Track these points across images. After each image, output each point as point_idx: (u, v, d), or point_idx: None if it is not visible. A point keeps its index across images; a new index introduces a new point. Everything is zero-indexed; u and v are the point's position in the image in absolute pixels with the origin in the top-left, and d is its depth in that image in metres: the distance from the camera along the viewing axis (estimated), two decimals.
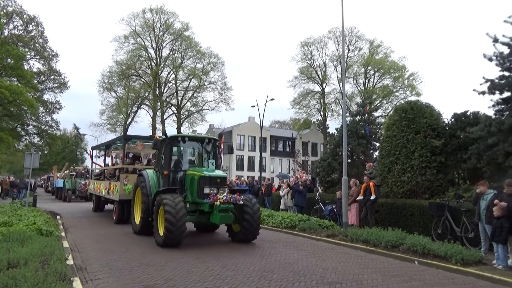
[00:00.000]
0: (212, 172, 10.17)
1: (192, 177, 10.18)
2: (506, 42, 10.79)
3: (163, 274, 6.75)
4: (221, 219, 9.67)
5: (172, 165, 11.06)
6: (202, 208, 9.91)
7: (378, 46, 47.82)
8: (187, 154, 11.81)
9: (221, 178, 10.21)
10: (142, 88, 46.80)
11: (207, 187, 9.83)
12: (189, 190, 10.21)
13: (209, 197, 9.59)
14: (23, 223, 10.28)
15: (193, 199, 10.04)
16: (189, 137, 11.31)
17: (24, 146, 38.22)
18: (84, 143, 68.02)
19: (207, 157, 11.53)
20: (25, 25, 35.62)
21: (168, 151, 10.80)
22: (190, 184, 10.19)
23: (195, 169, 10.67)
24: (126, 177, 14.11)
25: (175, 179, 10.74)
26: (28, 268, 5.68)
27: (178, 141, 11.01)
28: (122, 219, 14.15)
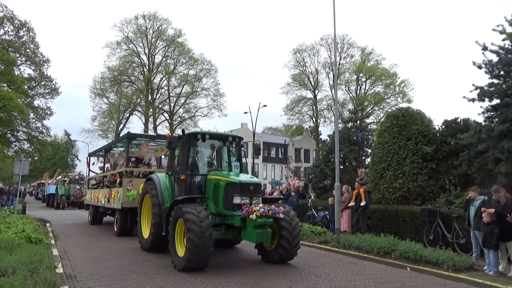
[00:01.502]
0: (243, 178, 8.35)
1: (216, 183, 8.37)
2: (494, 50, 10.98)
3: (154, 282, 6.67)
4: (258, 237, 7.70)
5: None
6: (230, 222, 8.11)
7: (370, 53, 48.28)
8: (206, 155, 9.95)
9: (255, 185, 8.29)
10: (134, 94, 46.59)
11: (238, 196, 7.96)
12: (211, 199, 8.43)
13: (241, 209, 7.74)
14: (12, 230, 10.13)
15: (218, 211, 8.24)
16: (210, 135, 9.25)
17: (14, 153, 37.70)
18: (75, 149, 67.44)
19: (230, 159, 9.80)
20: (16, 31, 35.37)
21: (186, 151, 8.85)
22: (213, 191, 8.40)
23: (218, 173, 8.81)
24: (130, 182, 12.39)
25: (192, 185, 8.91)
26: (16, 277, 5.58)
27: (197, 138, 9.11)
28: (125, 230, 12.63)
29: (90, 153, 20.04)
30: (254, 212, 7.59)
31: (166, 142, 9.08)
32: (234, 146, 9.69)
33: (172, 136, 9.04)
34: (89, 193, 17.51)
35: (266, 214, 7.70)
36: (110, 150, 16.64)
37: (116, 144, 16.17)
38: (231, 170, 9.40)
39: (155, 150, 15.07)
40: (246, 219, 7.70)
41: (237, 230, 8.20)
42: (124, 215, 12.57)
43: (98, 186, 16.83)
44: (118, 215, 12.90)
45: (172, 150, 9.61)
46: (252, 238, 7.82)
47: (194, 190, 8.85)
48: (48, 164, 54.02)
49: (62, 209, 26.22)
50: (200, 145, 9.48)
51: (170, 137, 9.03)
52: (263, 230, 7.72)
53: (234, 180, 8.14)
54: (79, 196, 26.71)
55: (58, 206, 27.43)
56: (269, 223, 7.82)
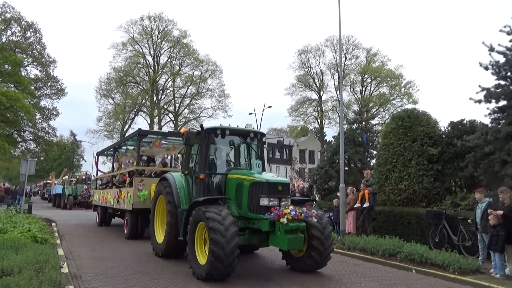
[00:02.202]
0: (270, 177, 7.71)
1: (239, 183, 7.69)
2: (501, 51, 10.89)
3: (158, 283, 6.68)
4: (290, 243, 6.93)
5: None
6: (257, 226, 7.39)
7: (375, 54, 48.15)
8: (225, 153, 9.08)
9: (284, 185, 7.57)
10: (140, 95, 46.77)
11: (265, 197, 7.23)
12: (233, 201, 7.73)
13: (270, 212, 7.01)
14: (18, 230, 10.18)
15: (242, 213, 7.53)
16: (230, 130, 8.56)
17: (20, 153, 37.96)
18: (81, 149, 67.76)
19: (250, 157, 9.03)
20: (23, 32, 35.64)
21: (204, 148, 8.13)
22: (236, 192, 7.72)
23: (240, 171, 8.14)
24: (141, 181, 11.78)
25: (211, 185, 8.23)
26: (22, 276, 5.60)
27: (216, 134, 8.35)
28: (136, 233, 11.98)
29: (99, 152, 19.34)
30: (285, 215, 6.81)
31: (183, 138, 8.30)
32: (255, 143, 8.96)
33: (190, 131, 8.13)
34: (97, 193, 16.92)
35: (298, 218, 6.93)
36: (119, 149, 16.00)
37: (125, 142, 15.37)
38: (252, 169, 8.64)
39: (167, 149, 14.36)
40: (275, 223, 6.96)
41: (263, 235, 7.42)
42: (135, 217, 11.94)
43: (107, 186, 16.26)
44: (128, 216, 12.28)
45: (188, 147, 8.86)
46: (282, 244, 7.06)
47: (213, 190, 8.15)
48: (54, 164, 54.35)
49: (69, 209, 26.00)
50: (218, 141, 8.59)
51: (187, 133, 8.15)
52: (295, 236, 6.98)
53: (261, 179, 7.38)
54: (86, 196, 26.51)
55: (65, 206, 27.18)
56: (301, 227, 7.07)
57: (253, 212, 7.36)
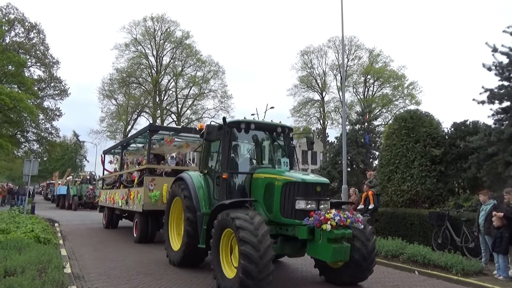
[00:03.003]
0: (306, 176, 6.87)
1: (269, 183, 6.78)
2: (505, 52, 10.86)
3: (161, 284, 6.69)
4: (335, 254, 5.90)
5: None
6: (292, 233, 6.41)
7: (378, 55, 48.05)
8: (249, 149, 8.27)
9: (322, 186, 6.62)
10: (142, 96, 46.91)
11: (302, 199, 6.32)
12: (261, 204, 6.82)
13: (309, 216, 6.06)
14: (21, 230, 10.23)
15: (272, 218, 6.58)
16: (255, 124, 7.68)
17: (24, 153, 38.15)
18: (83, 150, 67.99)
19: (277, 154, 8.16)
20: (27, 33, 35.80)
21: (227, 144, 7.26)
22: (265, 194, 6.81)
23: (267, 170, 7.28)
24: (152, 181, 10.96)
25: (234, 186, 7.37)
26: (25, 276, 5.63)
27: (240, 129, 7.48)
28: (146, 237, 11.27)
29: (105, 151, 18.44)
30: (328, 221, 5.87)
31: (204, 133, 7.28)
32: (282, 138, 8.07)
33: (211, 125, 7.15)
34: (104, 193, 16.14)
35: (344, 224, 6.00)
36: (128, 147, 15.16)
37: (134, 139, 14.25)
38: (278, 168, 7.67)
39: (179, 146, 13.42)
40: (315, 230, 6.01)
41: (299, 243, 6.49)
42: (145, 219, 11.22)
43: (114, 186, 15.46)
44: (138, 219, 11.50)
45: (207, 143, 8.06)
46: (325, 255, 6.00)
47: (237, 191, 7.33)
48: (57, 165, 54.60)
49: (74, 210, 25.76)
50: (242, 137, 7.74)
51: (209, 127, 7.13)
52: (340, 245, 5.96)
53: (296, 179, 6.50)
54: (91, 196, 26.22)
55: (70, 206, 26.85)
56: (347, 235, 6.10)
57: (286, 216, 6.40)
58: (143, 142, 13.71)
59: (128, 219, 13.99)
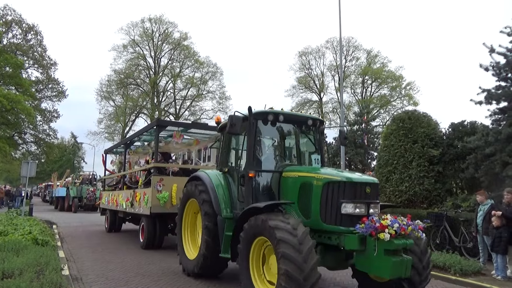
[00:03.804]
0: (352, 174, 5.89)
1: (305, 183, 5.84)
2: (502, 52, 10.90)
3: (159, 285, 6.68)
4: (394, 269, 4.88)
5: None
6: (336, 242, 5.43)
7: (376, 56, 48.15)
8: (276, 144, 7.30)
9: (372, 186, 5.63)
10: (140, 97, 46.89)
11: (349, 202, 5.37)
12: (296, 207, 5.87)
13: (360, 223, 5.07)
14: (19, 232, 10.18)
15: (310, 224, 5.47)
16: (284, 115, 6.74)
17: (21, 155, 38.03)
18: (81, 151, 67.83)
19: (306, 150, 7.36)
20: (24, 34, 35.71)
21: (253, 137, 6.38)
22: (300, 195, 5.86)
23: (299, 168, 6.43)
24: (161, 181, 10.06)
25: (258, 186, 6.51)
26: (23, 279, 5.61)
27: (267, 121, 6.60)
28: (153, 242, 10.47)
29: (107, 150, 17.71)
30: (385, 229, 4.87)
31: (227, 125, 6.27)
32: (313, 132, 7.20)
33: (236, 116, 6.18)
34: (106, 195, 15.27)
35: (405, 232, 5.02)
36: (131, 145, 14.16)
37: (139, 136, 13.09)
38: (309, 165, 6.98)
39: (188, 144, 12.63)
40: (367, 239, 5.02)
41: (343, 255, 5.58)
42: (152, 223, 10.43)
43: (116, 187, 14.72)
44: (144, 223, 10.67)
45: (228, 137, 7.24)
46: (382, 271, 4.96)
47: (262, 192, 6.48)
48: (55, 166, 54.43)
49: (74, 212, 25.29)
50: (268, 130, 6.87)
51: (233, 118, 6.14)
52: (401, 259, 4.94)
53: (341, 178, 5.55)
54: (92, 198, 25.81)
55: (69, 208, 26.33)
56: (409, 246, 5.10)
57: (329, 222, 5.44)
58: (149, 139, 12.90)
59: (132, 222, 13.50)
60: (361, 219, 5.11)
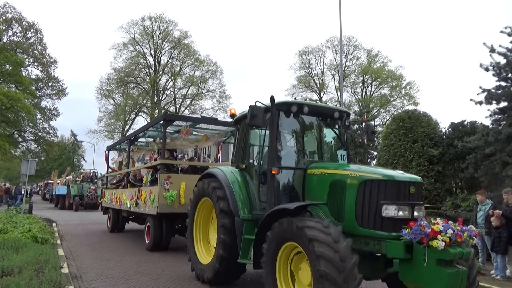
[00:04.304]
0: (394, 172, 5.12)
1: (336, 181, 5.18)
2: (502, 52, 10.90)
3: (159, 283, 6.68)
4: (450, 283, 4.15)
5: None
6: (375, 248, 4.75)
7: (376, 55, 48.14)
8: (298, 138, 6.55)
9: (417, 185, 4.94)
10: (140, 96, 46.89)
11: (391, 203, 4.69)
12: (326, 207, 5.22)
13: (407, 227, 4.41)
14: (18, 230, 10.19)
15: (345, 227, 4.74)
16: (310, 107, 6.15)
17: (21, 153, 38.04)
18: (81, 150, 67.84)
19: (331, 145, 6.74)
20: (24, 32, 35.70)
21: (275, 130, 5.76)
22: (331, 195, 5.19)
23: (327, 165, 5.83)
24: (168, 178, 9.38)
25: (278, 185, 5.81)
26: (22, 276, 5.61)
27: (290, 112, 6.02)
28: (160, 244, 9.86)
29: (109, 147, 17.05)
30: (438, 236, 4.16)
31: (248, 116, 5.57)
32: (337, 126, 6.57)
33: (257, 107, 5.59)
34: (108, 193, 14.71)
35: (461, 239, 4.29)
36: (136, 141, 13.40)
37: (145, 131, 12.31)
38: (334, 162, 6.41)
39: (196, 140, 11.95)
40: (414, 246, 4.33)
41: (381, 263, 4.89)
42: (159, 224, 9.83)
43: (119, 185, 14.25)
44: (150, 223, 10.12)
45: (245, 131, 6.63)
46: (436, 284, 4.16)
47: (283, 192, 5.86)
48: (55, 165, 54.45)
49: (75, 211, 24.96)
50: (290, 123, 6.19)
51: (253, 109, 5.53)
52: (457, 270, 4.24)
53: (381, 176, 4.86)
54: (94, 197, 25.64)
55: (70, 207, 26.03)
56: (465, 256, 4.34)
57: (367, 226, 4.78)
58: (154, 135, 12.25)
59: (136, 221, 13.12)
60: (408, 223, 4.46)
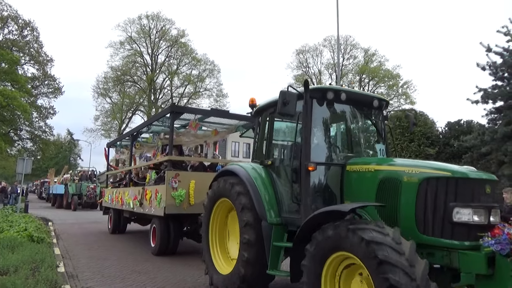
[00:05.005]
0: (465, 169, 4.24)
1: (388, 178, 4.36)
2: (499, 52, 10.96)
3: (155, 282, 6.66)
4: None
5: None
6: (443, 261, 3.94)
7: (373, 54, 48.27)
8: (334, 130, 5.76)
9: (492, 185, 4.17)
10: (137, 94, 46.78)
11: (465, 206, 3.87)
12: (376, 211, 4.43)
13: (488, 237, 3.68)
14: (14, 229, 10.14)
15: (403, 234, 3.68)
16: (347, 94, 5.19)
17: (17, 151, 37.89)
18: (78, 148, 67.63)
19: (368, 138, 5.91)
20: (20, 30, 35.52)
21: (309, 119, 4.93)
22: (381, 195, 4.38)
23: (370, 160, 5.13)
24: (177, 176, 8.51)
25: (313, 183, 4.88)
26: (18, 276, 5.59)
27: (324, 100, 5.10)
28: (167, 247, 9.01)
29: (109, 143, 16.08)
30: None
31: (278, 103, 4.71)
32: (375, 116, 5.67)
33: (289, 92, 4.76)
34: (109, 192, 13.89)
35: None
36: (138, 137, 12.46)
37: (149, 126, 11.30)
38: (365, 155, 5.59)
39: (205, 135, 11.12)
40: (499, 259, 3.51)
41: (447, 277, 3.92)
42: (165, 225, 8.99)
43: (120, 183, 13.51)
44: (156, 225, 9.24)
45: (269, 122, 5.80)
46: None
47: (318, 191, 4.99)
48: (51, 163, 54.26)
49: (74, 210, 24.27)
50: (321, 112, 5.22)
51: (285, 95, 4.70)
52: None
53: (450, 173, 4.01)
54: (93, 196, 25.23)
55: (68, 206, 25.33)
56: None
57: (431, 233, 3.94)
58: (158, 130, 11.21)
59: (138, 222, 12.56)
60: (490, 231, 3.69)
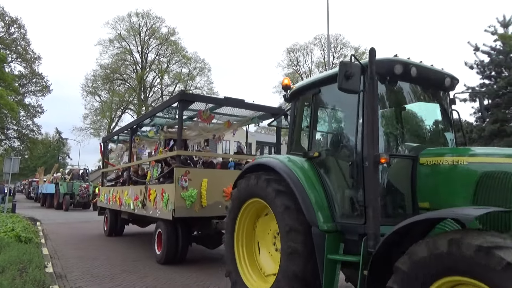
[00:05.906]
0: None
1: (495, 174, 3.25)
2: (486, 51, 11.11)
3: (145, 282, 6.62)
4: None
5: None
6: None
7: (363, 53, 48.53)
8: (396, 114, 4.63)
9: None
10: (127, 93, 46.45)
11: None
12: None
13: None
14: (1, 229, 10.00)
15: None
16: (419, 68, 4.18)
17: (4, 151, 37.35)
18: (66, 147, 66.85)
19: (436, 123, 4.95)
20: (7, 27, 35.01)
21: (375, 99, 3.59)
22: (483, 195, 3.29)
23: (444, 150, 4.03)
24: (187, 174, 7.38)
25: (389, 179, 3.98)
26: (5, 276, 5.51)
27: (391, 75, 4.08)
28: (175, 254, 7.85)
29: (105, 138, 14.97)
30: None
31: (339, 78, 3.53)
32: (441, 99, 4.76)
33: (353, 63, 3.67)
34: (105, 191, 12.81)
35: None
36: (138, 129, 11.16)
37: (151, 117, 9.91)
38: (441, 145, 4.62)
39: (215, 128, 10.09)
40: None
41: None
42: (173, 230, 7.82)
43: (116, 182, 12.46)
44: (162, 229, 8.00)
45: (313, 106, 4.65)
46: None
47: (390, 190, 4.01)
48: (39, 163, 53.58)
49: (66, 210, 23.38)
50: (383, 91, 4.21)
51: (347, 66, 3.58)
52: None
53: None
54: (85, 195, 24.62)
55: (59, 206, 24.40)
56: None
57: None
58: (162, 122, 9.84)
59: (136, 224, 11.61)
60: None
